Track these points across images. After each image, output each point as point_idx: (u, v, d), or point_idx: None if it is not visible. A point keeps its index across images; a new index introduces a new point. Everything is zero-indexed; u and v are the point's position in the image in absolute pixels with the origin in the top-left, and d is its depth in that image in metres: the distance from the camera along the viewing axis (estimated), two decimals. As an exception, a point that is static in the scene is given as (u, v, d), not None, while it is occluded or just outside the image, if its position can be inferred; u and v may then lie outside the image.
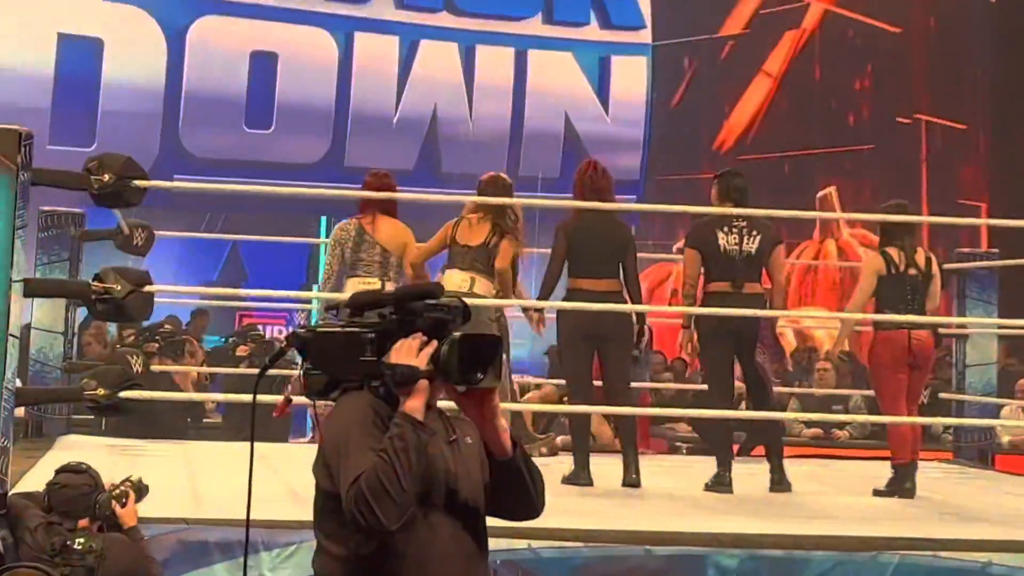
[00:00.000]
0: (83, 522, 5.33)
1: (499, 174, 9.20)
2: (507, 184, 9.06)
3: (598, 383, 8.69)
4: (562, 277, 8.65)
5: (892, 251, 8.74)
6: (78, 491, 5.37)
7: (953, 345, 11.28)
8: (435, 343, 3.36)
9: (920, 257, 8.78)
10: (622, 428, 8.69)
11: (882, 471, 8.72)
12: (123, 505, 5.44)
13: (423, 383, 3.34)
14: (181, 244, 18.03)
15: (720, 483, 8.30)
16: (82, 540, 5.21)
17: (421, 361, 3.34)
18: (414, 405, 3.32)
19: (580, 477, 8.40)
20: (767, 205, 19.78)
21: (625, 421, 8.60)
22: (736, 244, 8.42)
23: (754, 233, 8.48)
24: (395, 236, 8.83)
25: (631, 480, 8.35)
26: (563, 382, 9.64)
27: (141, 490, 5.59)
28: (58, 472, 5.52)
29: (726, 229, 8.47)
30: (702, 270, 8.51)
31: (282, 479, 7.26)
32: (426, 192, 17.16)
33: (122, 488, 5.47)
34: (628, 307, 8.56)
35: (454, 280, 8.59)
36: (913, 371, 8.66)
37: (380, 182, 8.93)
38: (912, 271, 8.70)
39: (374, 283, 8.61)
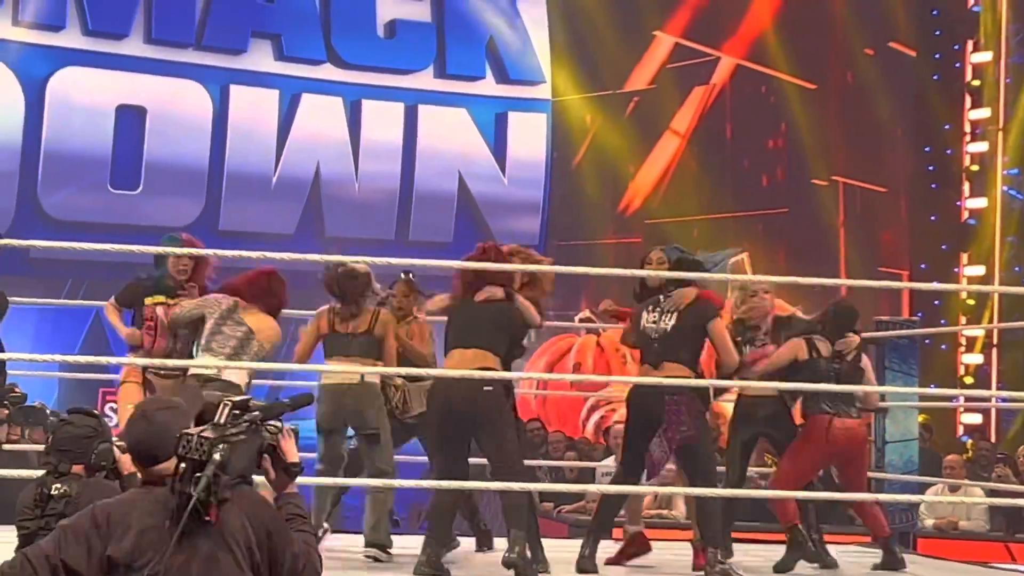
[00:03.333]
0: (77, 468, 5.40)
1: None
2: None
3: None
4: None
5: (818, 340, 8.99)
6: (80, 432, 5.44)
7: (872, 420, 11.40)
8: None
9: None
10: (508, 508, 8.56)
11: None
12: (123, 451, 5.39)
13: None
14: (39, 314, 17.85)
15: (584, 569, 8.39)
16: (58, 486, 5.29)
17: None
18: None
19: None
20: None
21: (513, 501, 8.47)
22: (654, 323, 8.50)
23: (672, 311, 8.52)
24: (267, 327, 8.81)
25: (507, 558, 8.29)
26: None
27: None
28: (70, 411, 5.63)
29: (651, 307, 8.60)
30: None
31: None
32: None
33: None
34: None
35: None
36: (833, 459, 8.88)
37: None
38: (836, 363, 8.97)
39: (214, 360, 8.55)
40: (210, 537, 4.10)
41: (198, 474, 4.01)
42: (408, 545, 8.76)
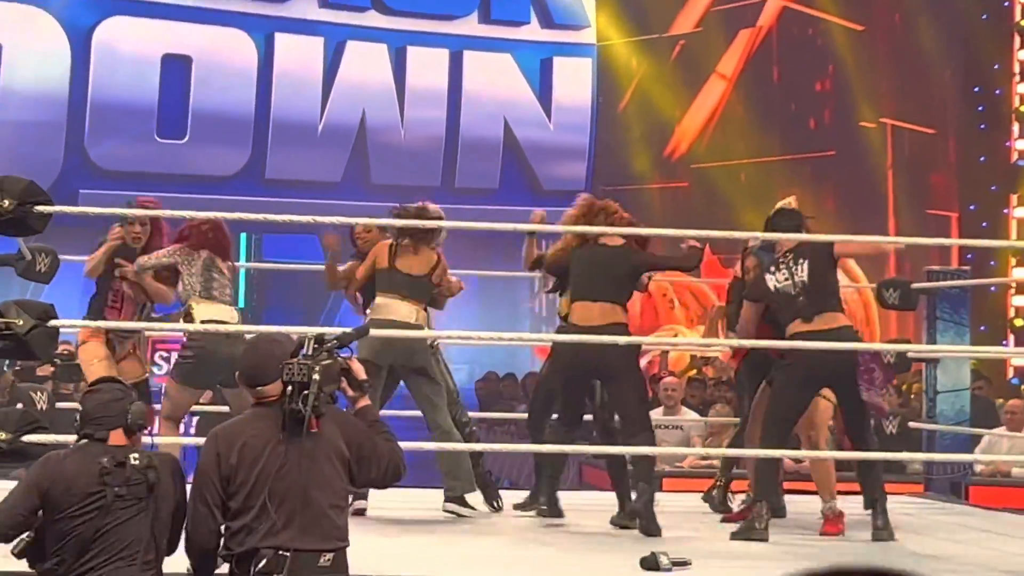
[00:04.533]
0: (115, 434, 5.39)
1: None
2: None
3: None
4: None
5: None
6: (110, 396, 5.46)
7: (923, 370, 11.32)
8: None
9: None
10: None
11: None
12: None
13: None
14: (88, 266, 17.91)
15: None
16: (136, 455, 5.33)
17: None
18: None
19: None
20: (724, 216, 19.93)
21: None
22: (787, 279, 8.27)
23: (800, 261, 8.35)
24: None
25: (632, 507, 8.43)
26: None
27: None
28: (94, 383, 5.71)
29: (772, 269, 8.39)
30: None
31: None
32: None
33: None
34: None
35: (401, 311, 8.63)
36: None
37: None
38: None
39: (229, 313, 8.64)
40: (311, 443, 5.19)
41: (305, 392, 5.14)
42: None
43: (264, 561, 5.08)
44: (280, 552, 5.10)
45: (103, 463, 5.26)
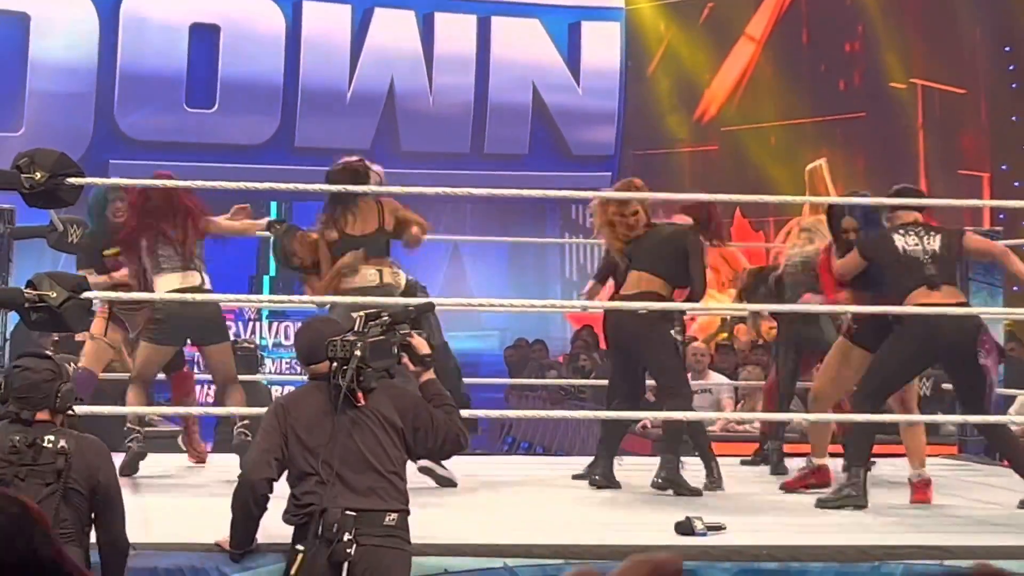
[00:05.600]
0: (41, 414, 5.28)
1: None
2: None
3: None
4: None
5: None
6: (40, 376, 5.31)
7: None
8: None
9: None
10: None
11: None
12: None
13: None
14: (119, 236, 17.98)
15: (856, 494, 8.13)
16: (52, 438, 5.19)
17: None
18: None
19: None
20: (754, 179, 19.81)
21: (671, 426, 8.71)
22: (917, 244, 8.09)
23: (932, 232, 8.13)
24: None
25: (654, 482, 8.46)
26: None
27: None
28: (19, 356, 5.51)
29: (901, 231, 8.13)
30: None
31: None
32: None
33: None
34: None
35: (365, 276, 8.26)
36: None
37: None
38: None
39: (192, 277, 8.64)
40: (362, 415, 5.53)
41: (344, 368, 5.46)
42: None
43: (333, 521, 5.38)
44: (347, 512, 5.41)
45: (15, 441, 5.17)
